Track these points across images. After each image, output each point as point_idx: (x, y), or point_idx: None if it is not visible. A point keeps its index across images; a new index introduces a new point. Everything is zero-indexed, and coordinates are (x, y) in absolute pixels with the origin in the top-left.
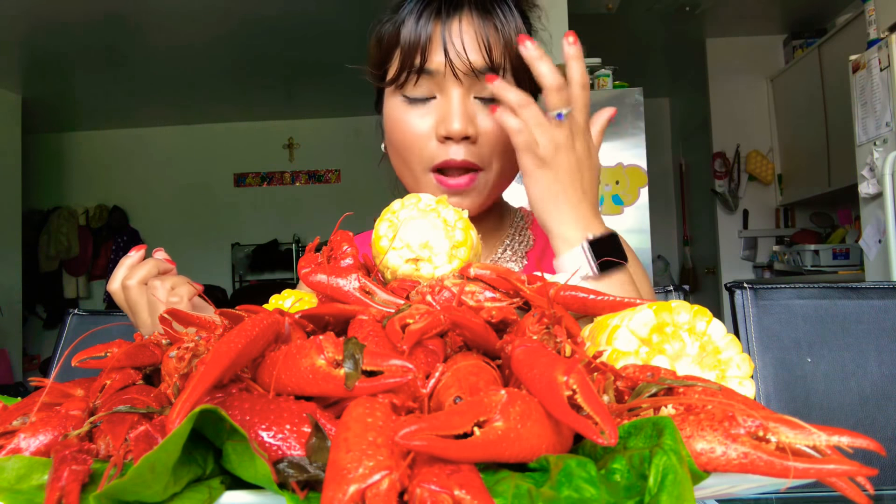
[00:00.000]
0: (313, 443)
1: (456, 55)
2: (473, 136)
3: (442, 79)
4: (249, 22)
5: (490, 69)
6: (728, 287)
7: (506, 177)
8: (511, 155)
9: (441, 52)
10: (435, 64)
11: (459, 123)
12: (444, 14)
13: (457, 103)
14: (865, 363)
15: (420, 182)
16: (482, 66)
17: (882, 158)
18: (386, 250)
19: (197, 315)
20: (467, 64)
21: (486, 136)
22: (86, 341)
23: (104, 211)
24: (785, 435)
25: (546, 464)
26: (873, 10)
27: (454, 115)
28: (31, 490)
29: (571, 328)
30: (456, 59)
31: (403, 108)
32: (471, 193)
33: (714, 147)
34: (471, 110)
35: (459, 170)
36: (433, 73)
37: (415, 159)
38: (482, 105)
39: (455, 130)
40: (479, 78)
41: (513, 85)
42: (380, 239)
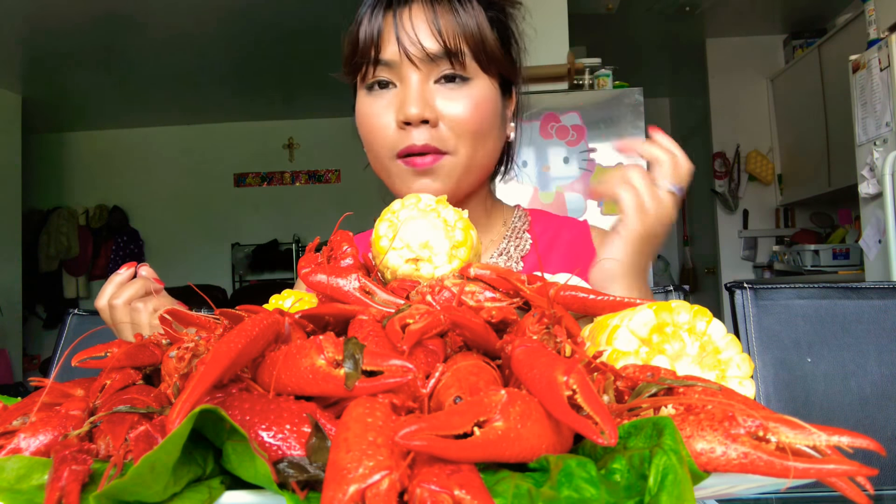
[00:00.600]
0: (313, 443)
1: (410, 43)
2: (433, 120)
3: (399, 67)
4: (249, 22)
5: (446, 53)
6: (728, 287)
7: (478, 163)
8: (480, 141)
9: (394, 42)
10: (389, 54)
11: (416, 107)
12: (396, 4)
13: (414, 88)
14: (865, 363)
15: (389, 170)
16: (437, 50)
17: (882, 158)
18: (386, 250)
19: (197, 315)
20: (421, 49)
21: (447, 120)
22: (86, 341)
23: (104, 211)
24: (785, 435)
25: (546, 464)
26: (873, 10)
27: (410, 100)
28: (31, 490)
29: (571, 328)
30: (410, 46)
31: (366, 101)
32: (439, 175)
33: (714, 147)
34: (429, 95)
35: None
36: (389, 63)
37: (380, 149)
38: (443, 88)
39: (412, 114)
40: (435, 63)
41: (476, 70)
42: (380, 239)
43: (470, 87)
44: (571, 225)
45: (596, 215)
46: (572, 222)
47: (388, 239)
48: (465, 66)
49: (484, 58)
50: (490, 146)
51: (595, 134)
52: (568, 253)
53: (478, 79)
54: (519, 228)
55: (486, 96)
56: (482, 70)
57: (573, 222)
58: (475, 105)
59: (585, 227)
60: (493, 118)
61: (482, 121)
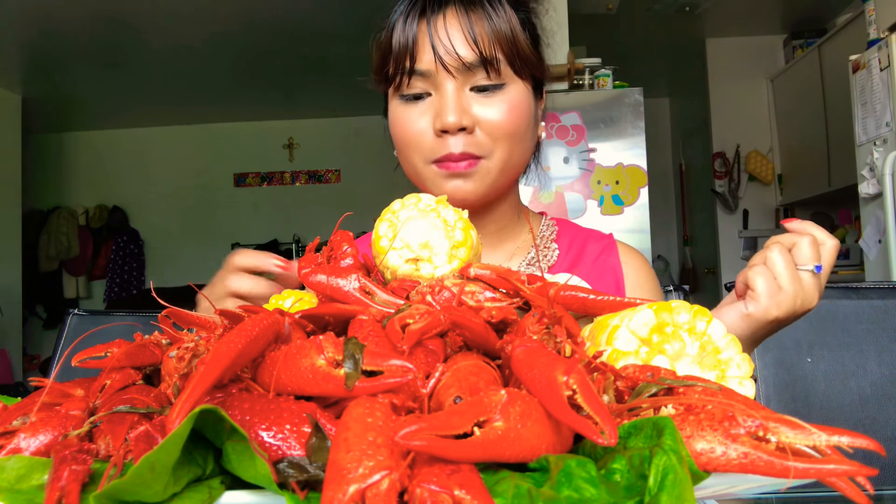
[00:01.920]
0: (313, 443)
1: (445, 52)
2: (470, 127)
3: (434, 76)
4: (249, 22)
5: (482, 61)
6: (728, 287)
7: (511, 165)
8: (516, 143)
9: (429, 52)
10: (425, 64)
11: (454, 116)
12: (430, 12)
13: (450, 97)
14: (865, 363)
15: (422, 175)
16: (472, 59)
17: (882, 158)
18: (386, 250)
19: (197, 315)
20: (457, 59)
21: (484, 126)
22: (86, 341)
23: (104, 211)
24: (785, 435)
25: (546, 464)
26: (873, 10)
27: (448, 109)
28: (31, 490)
29: (571, 328)
30: (445, 55)
31: (402, 109)
32: (473, 178)
33: (714, 147)
34: (465, 102)
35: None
36: (424, 72)
37: (415, 155)
38: (478, 96)
39: (450, 123)
40: (471, 70)
41: (510, 75)
42: (380, 239)
43: (505, 91)
44: (597, 238)
45: (596, 215)
46: (598, 235)
47: (387, 239)
48: (499, 72)
49: (518, 62)
50: (524, 148)
51: (595, 134)
52: (594, 268)
53: (512, 83)
54: (547, 238)
55: (520, 99)
56: (516, 74)
57: (599, 236)
58: (511, 109)
59: (612, 243)
60: (528, 120)
61: (518, 124)
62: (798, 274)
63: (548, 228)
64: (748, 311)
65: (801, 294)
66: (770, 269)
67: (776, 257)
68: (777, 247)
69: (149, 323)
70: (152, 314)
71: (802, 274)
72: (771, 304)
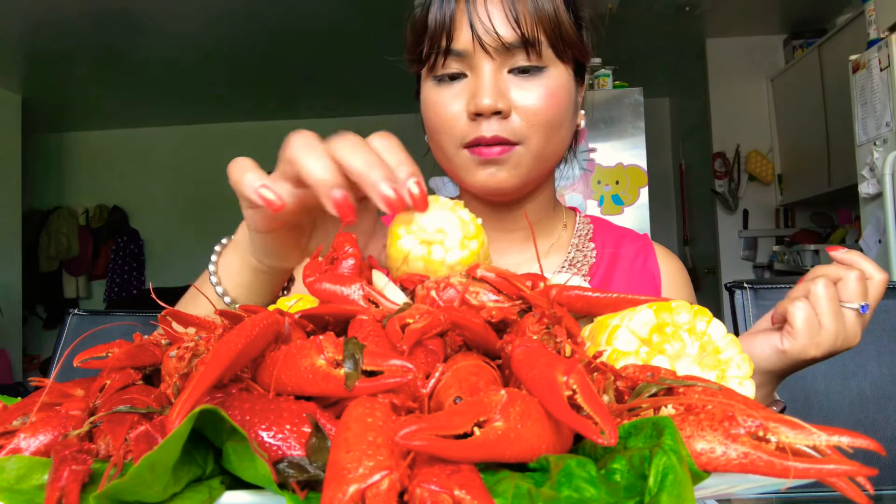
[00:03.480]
0: (313, 443)
1: (484, 31)
2: (505, 111)
3: (471, 57)
4: (249, 22)
5: (522, 42)
6: (728, 287)
7: (548, 154)
8: (554, 131)
9: (467, 31)
10: (462, 43)
11: (489, 98)
12: None
13: (487, 78)
14: (865, 363)
15: (453, 161)
16: (513, 39)
17: (882, 158)
18: (401, 236)
19: (196, 315)
20: (496, 39)
21: (521, 111)
22: (86, 341)
23: (104, 211)
24: (785, 435)
25: (546, 464)
26: (873, 10)
27: (484, 90)
28: (31, 490)
29: (571, 328)
30: (484, 35)
31: (435, 90)
32: (506, 164)
33: (714, 147)
34: (503, 85)
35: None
36: (461, 52)
37: (447, 139)
38: (517, 79)
39: (484, 105)
40: (510, 52)
41: (552, 58)
42: (398, 238)
43: (545, 76)
44: (633, 239)
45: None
46: (633, 235)
47: (405, 227)
48: (540, 54)
49: (560, 44)
50: (562, 136)
51: (595, 134)
52: (630, 269)
53: (553, 66)
54: (583, 237)
55: (561, 85)
56: (557, 57)
57: (634, 236)
58: (550, 94)
59: (649, 244)
60: (568, 107)
61: (557, 111)
62: (842, 311)
63: (584, 226)
64: (784, 346)
65: (843, 333)
66: (812, 304)
67: (820, 292)
68: (822, 280)
69: (149, 323)
70: (152, 314)
71: (846, 312)
72: (810, 343)
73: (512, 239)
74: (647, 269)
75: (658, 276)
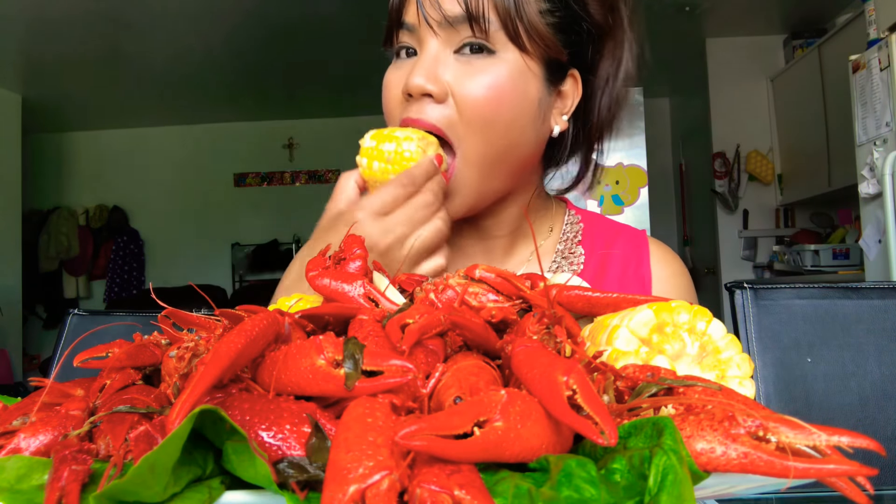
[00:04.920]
0: (313, 443)
1: (430, 5)
2: (438, 95)
3: (418, 31)
4: (249, 22)
5: (467, 16)
6: (728, 287)
7: (493, 160)
8: (495, 133)
9: (415, 3)
10: (411, 16)
11: (419, 77)
12: None
13: (426, 56)
14: (865, 363)
15: None
16: (456, 13)
17: (882, 158)
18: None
19: (197, 315)
20: (439, 12)
21: (458, 98)
22: (86, 341)
23: (104, 211)
24: (785, 435)
25: (546, 464)
26: (873, 10)
27: (417, 69)
28: (31, 490)
29: (571, 328)
30: (428, 6)
31: (390, 70)
32: (449, 199)
33: (714, 147)
34: (442, 65)
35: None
36: (411, 27)
37: (390, 122)
38: (461, 60)
39: (412, 84)
40: (456, 28)
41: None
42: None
43: (493, 61)
44: (628, 235)
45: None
46: (628, 231)
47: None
48: (488, 34)
49: (513, 27)
50: (513, 136)
51: None
52: (623, 273)
53: (505, 53)
54: (571, 240)
55: (511, 76)
56: (512, 42)
57: (629, 232)
58: (494, 86)
59: (643, 244)
60: (520, 102)
61: (498, 107)
62: None
63: (572, 227)
64: None
65: None
66: None
67: None
68: None
69: (149, 323)
70: (152, 314)
71: None
72: None
73: (492, 246)
74: (638, 274)
75: (649, 281)
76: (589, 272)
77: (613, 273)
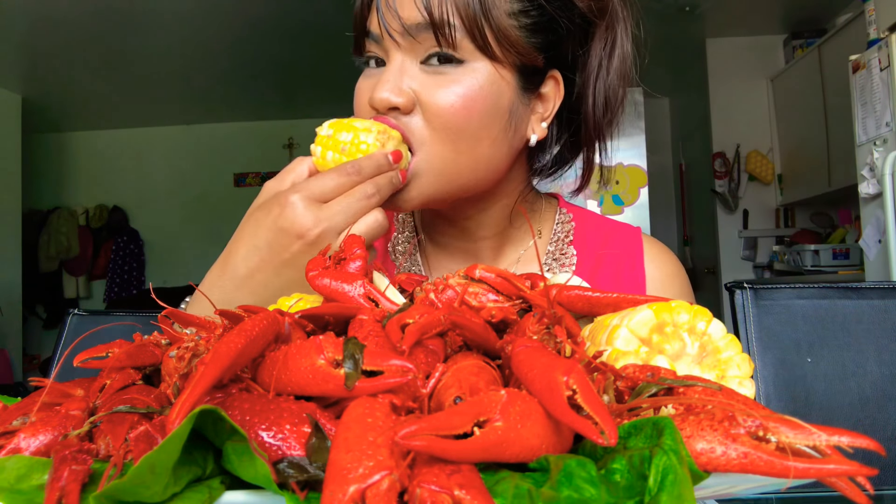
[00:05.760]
0: (313, 443)
1: (386, 9)
2: (404, 107)
3: (382, 42)
4: (249, 22)
5: (430, 25)
6: (728, 287)
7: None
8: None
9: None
10: (375, 25)
11: (384, 90)
12: None
13: (391, 68)
14: (865, 363)
15: None
16: (417, 21)
17: (882, 158)
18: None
19: (197, 315)
20: (398, 20)
21: (426, 110)
22: (86, 341)
23: (104, 211)
24: (785, 435)
25: (546, 464)
26: (873, 10)
27: (381, 82)
28: (31, 490)
29: (572, 328)
30: (388, 15)
31: (361, 79)
32: (409, 184)
33: (714, 147)
34: (407, 78)
35: None
36: (377, 37)
37: None
38: (428, 72)
39: (377, 99)
40: (418, 38)
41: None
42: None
43: (462, 70)
44: (622, 234)
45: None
46: (622, 230)
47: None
48: (454, 44)
49: (480, 36)
50: (483, 150)
51: None
52: (617, 272)
53: (474, 62)
54: (562, 240)
55: (481, 85)
56: (480, 51)
57: (623, 230)
58: (463, 94)
59: (637, 243)
60: (490, 114)
61: (468, 116)
62: None
63: (563, 227)
64: None
65: None
66: None
67: None
68: None
69: (149, 323)
70: (152, 314)
71: None
72: None
73: (478, 249)
74: (633, 276)
75: (643, 282)
76: (581, 274)
77: (607, 274)
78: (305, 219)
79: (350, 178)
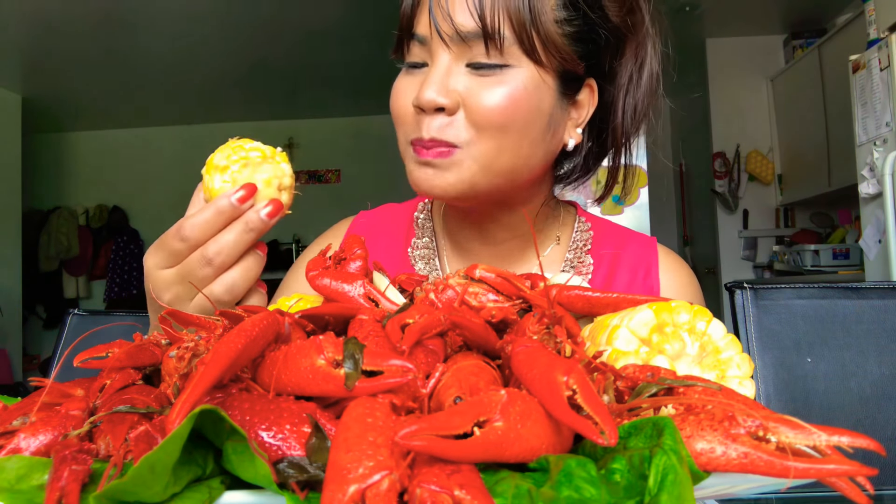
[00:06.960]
0: (313, 443)
1: (441, 17)
2: (450, 108)
3: (430, 44)
4: (249, 22)
5: (482, 34)
6: (728, 287)
7: (503, 167)
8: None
9: (427, 15)
10: (422, 28)
11: (431, 92)
12: None
13: (438, 70)
14: (865, 363)
15: (403, 155)
16: (470, 28)
17: (882, 158)
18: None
19: (197, 315)
20: (452, 27)
21: (470, 109)
22: (86, 341)
23: (104, 211)
24: (785, 435)
25: (546, 464)
26: (873, 10)
27: (429, 83)
28: (31, 490)
29: (571, 328)
30: (441, 21)
31: (400, 78)
32: (445, 170)
33: (714, 147)
34: (454, 79)
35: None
36: (423, 39)
37: (400, 131)
38: (474, 74)
39: (424, 99)
40: (468, 43)
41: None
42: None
43: (506, 73)
44: (637, 242)
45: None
46: (638, 239)
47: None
48: (502, 51)
49: (528, 41)
50: (523, 150)
51: None
52: (631, 278)
53: (519, 66)
54: (580, 248)
55: (526, 87)
56: (527, 56)
57: (639, 239)
58: (508, 96)
59: (653, 253)
60: (532, 114)
61: (514, 116)
62: None
63: (581, 235)
64: None
65: None
66: None
67: None
68: None
69: (148, 323)
70: None
71: None
72: None
73: (496, 252)
74: (647, 283)
75: (657, 291)
76: (597, 282)
77: (621, 281)
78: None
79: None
